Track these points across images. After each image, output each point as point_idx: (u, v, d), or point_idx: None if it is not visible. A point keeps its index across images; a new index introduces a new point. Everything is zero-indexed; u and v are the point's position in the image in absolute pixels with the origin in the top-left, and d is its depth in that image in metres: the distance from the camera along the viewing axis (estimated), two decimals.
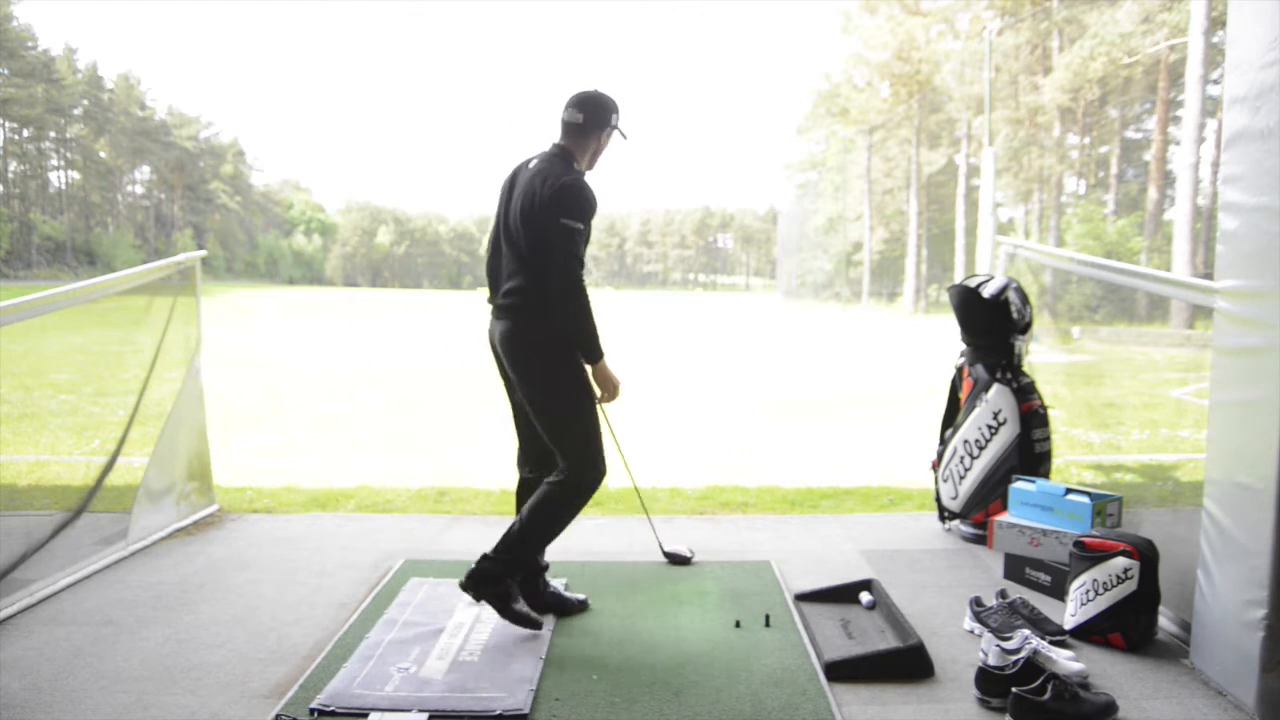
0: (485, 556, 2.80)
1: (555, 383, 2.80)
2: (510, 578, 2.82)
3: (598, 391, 2.85)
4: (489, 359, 3.01)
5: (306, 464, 5.93)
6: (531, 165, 2.87)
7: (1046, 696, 2.24)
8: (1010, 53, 26.81)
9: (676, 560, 3.62)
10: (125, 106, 61.46)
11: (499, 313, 2.87)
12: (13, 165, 54.80)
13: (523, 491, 3.08)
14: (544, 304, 2.75)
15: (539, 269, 2.74)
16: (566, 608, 3.05)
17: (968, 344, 4.10)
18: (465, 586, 2.78)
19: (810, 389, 10.50)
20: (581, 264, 2.73)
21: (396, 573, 3.47)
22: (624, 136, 3.00)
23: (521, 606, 2.84)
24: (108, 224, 61.68)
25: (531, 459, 3.04)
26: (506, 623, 2.89)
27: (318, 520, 4.31)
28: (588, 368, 2.82)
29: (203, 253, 4.42)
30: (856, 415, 8.52)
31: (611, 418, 3.00)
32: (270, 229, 77.84)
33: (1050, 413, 3.96)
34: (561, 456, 2.81)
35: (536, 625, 2.84)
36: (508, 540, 2.81)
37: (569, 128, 2.86)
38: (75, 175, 59.35)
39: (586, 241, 2.77)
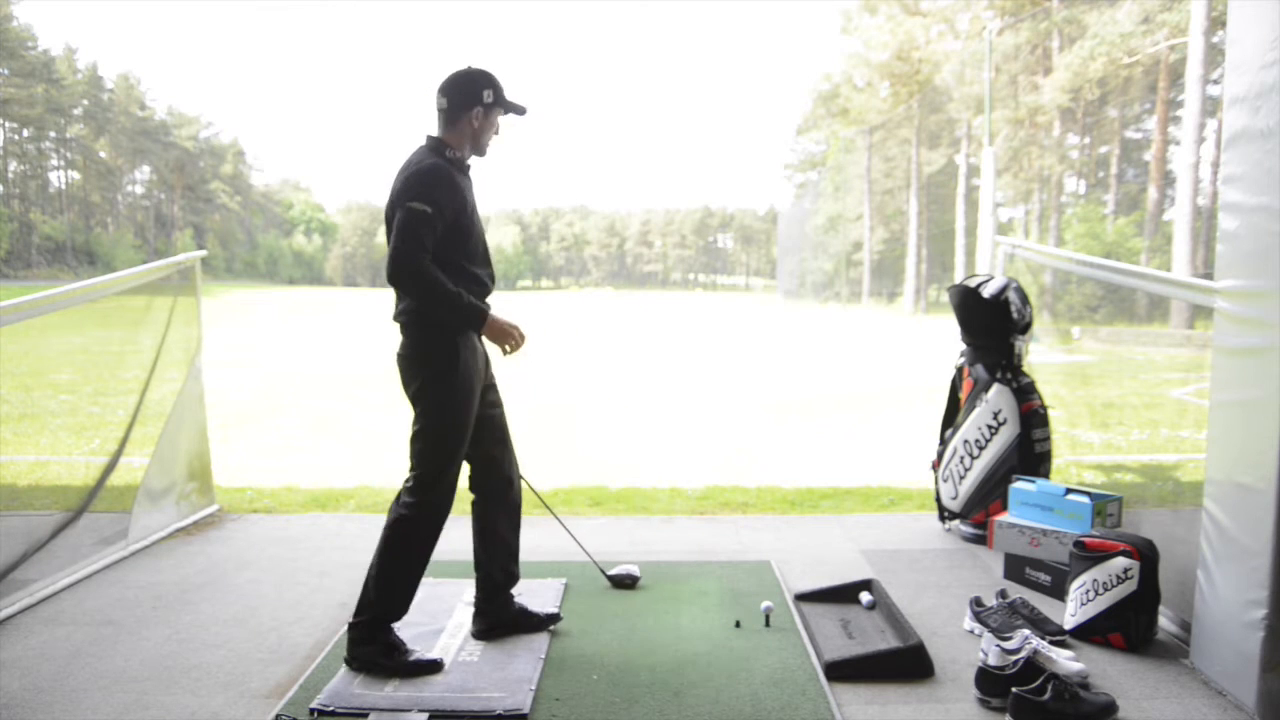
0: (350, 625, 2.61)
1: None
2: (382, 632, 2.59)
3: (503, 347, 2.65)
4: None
5: (306, 464, 5.93)
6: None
7: (1046, 696, 2.24)
8: (1010, 53, 26.82)
9: (620, 583, 3.36)
10: (125, 106, 61.47)
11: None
12: (13, 165, 54.83)
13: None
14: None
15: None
16: (532, 623, 2.87)
17: (968, 344, 4.10)
18: (351, 666, 2.56)
19: (810, 389, 10.50)
20: (425, 250, 2.44)
21: None
22: (518, 111, 2.74)
23: (415, 656, 2.59)
24: (108, 224, 61.73)
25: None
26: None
27: (318, 520, 4.32)
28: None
29: (203, 253, 4.43)
30: (857, 415, 8.51)
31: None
32: (270, 229, 77.87)
33: (1050, 413, 3.95)
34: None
35: (437, 667, 2.58)
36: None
37: (439, 116, 2.65)
38: (75, 175, 59.40)
39: (461, 235, 2.56)
